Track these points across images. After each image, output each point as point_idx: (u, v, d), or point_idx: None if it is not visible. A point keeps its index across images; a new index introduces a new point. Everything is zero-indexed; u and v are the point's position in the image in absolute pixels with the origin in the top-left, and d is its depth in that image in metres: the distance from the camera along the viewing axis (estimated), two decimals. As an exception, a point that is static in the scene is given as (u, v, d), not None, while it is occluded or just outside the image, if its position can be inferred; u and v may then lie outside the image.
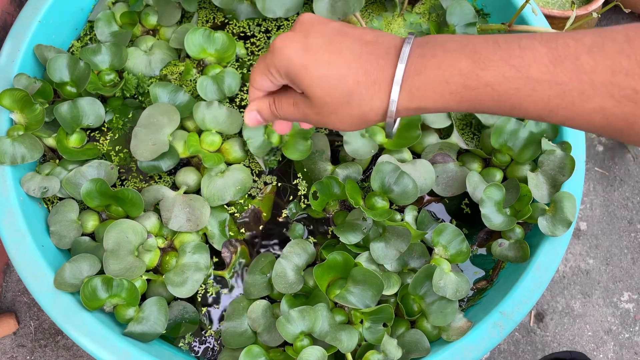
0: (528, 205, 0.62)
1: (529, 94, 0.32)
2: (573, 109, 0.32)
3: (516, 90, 0.33)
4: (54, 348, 0.88)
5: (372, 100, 0.37)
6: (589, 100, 0.31)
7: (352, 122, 0.40)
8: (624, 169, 1.11)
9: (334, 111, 0.39)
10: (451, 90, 0.35)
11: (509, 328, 0.59)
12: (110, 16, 0.74)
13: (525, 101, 0.33)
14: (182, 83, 0.73)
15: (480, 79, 0.33)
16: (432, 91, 0.35)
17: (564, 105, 0.32)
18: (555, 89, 0.32)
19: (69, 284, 0.57)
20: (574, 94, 0.31)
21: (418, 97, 0.36)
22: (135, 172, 0.69)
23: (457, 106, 0.36)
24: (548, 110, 0.33)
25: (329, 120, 0.40)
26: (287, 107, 0.43)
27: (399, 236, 0.61)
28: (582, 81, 0.31)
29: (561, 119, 0.33)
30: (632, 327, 0.99)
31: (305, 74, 0.38)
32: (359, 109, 0.38)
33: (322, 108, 0.39)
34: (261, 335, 0.60)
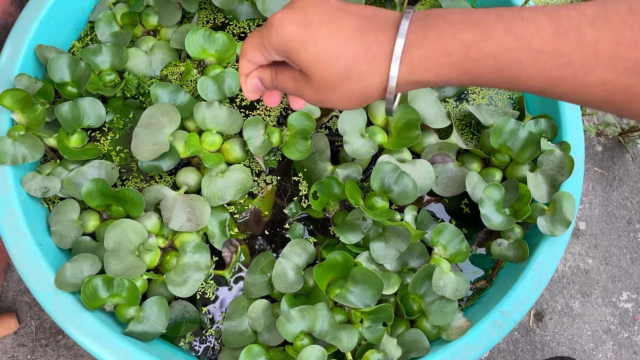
0: (527, 205, 0.62)
1: (531, 65, 0.32)
2: (575, 82, 0.31)
3: (518, 61, 0.32)
4: (55, 347, 0.88)
5: (372, 74, 0.37)
6: (591, 73, 0.31)
7: (352, 99, 0.39)
8: (623, 169, 1.11)
9: (334, 88, 0.38)
10: (453, 61, 0.34)
11: (508, 327, 0.59)
12: (110, 17, 0.74)
13: (526, 73, 0.33)
14: (183, 83, 0.73)
15: (482, 50, 0.33)
16: (433, 63, 0.35)
17: (566, 77, 0.32)
18: (558, 61, 0.31)
19: (69, 283, 0.57)
20: (577, 65, 0.31)
21: (419, 70, 0.35)
22: (136, 172, 0.69)
23: (457, 79, 0.35)
24: (550, 83, 0.32)
25: (328, 98, 0.40)
26: (287, 81, 0.42)
27: (399, 236, 0.61)
28: (585, 53, 0.30)
29: (562, 91, 0.33)
30: (631, 327, 0.99)
31: (304, 51, 0.37)
32: (359, 85, 0.37)
33: (321, 85, 0.39)
34: (261, 334, 0.60)
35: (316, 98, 0.41)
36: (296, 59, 0.38)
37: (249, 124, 0.66)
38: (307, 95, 0.41)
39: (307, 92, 0.41)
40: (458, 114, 0.76)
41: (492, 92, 0.78)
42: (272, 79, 0.43)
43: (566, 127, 0.69)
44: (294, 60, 0.38)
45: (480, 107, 0.71)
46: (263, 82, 0.44)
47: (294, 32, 0.37)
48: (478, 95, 0.78)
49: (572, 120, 0.69)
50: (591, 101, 0.33)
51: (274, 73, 0.43)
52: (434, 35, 0.34)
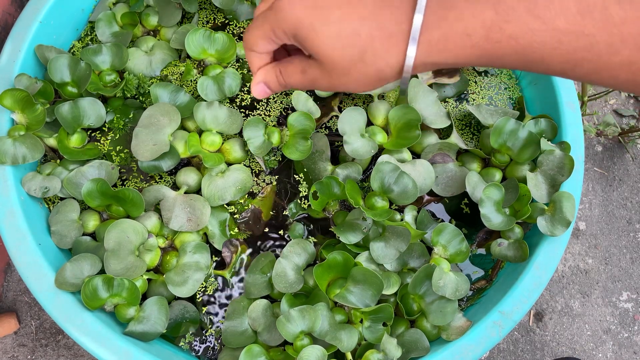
0: (527, 205, 0.62)
1: (554, 46, 0.31)
2: (599, 62, 0.31)
3: (541, 43, 0.31)
4: (55, 347, 0.88)
5: (388, 55, 0.35)
6: (616, 53, 0.30)
7: (366, 82, 0.38)
8: (622, 169, 1.11)
9: (347, 72, 0.37)
10: (473, 43, 0.33)
11: (508, 327, 0.59)
12: (111, 17, 0.74)
13: (549, 55, 0.32)
14: (183, 83, 0.73)
15: (504, 32, 0.32)
16: (452, 44, 0.33)
17: (590, 58, 0.31)
18: (583, 41, 0.30)
19: (69, 283, 0.57)
20: (602, 46, 0.30)
21: (437, 51, 0.34)
22: (136, 172, 0.69)
23: (476, 61, 0.34)
24: (572, 64, 0.32)
25: (341, 82, 0.38)
26: (295, 76, 0.40)
27: (399, 236, 0.61)
28: (611, 33, 0.29)
29: (584, 73, 0.32)
30: (631, 327, 0.99)
31: (316, 35, 0.35)
32: (374, 66, 0.36)
33: (334, 69, 0.37)
34: (261, 334, 0.60)
35: (329, 84, 0.39)
36: (307, 44, 0.36)
37: (249, 124, 0.66)
38: (319, 83, 0.39)
39: (319, 80, 0.39)
40: (458, 114, 0.76)
41: (492, 92, 0.78)
42: (277, 78, 0.42)
43: (566, 127, 0.69)
44: (305, 45, 0.37)
45: (480, 107, 0.71)
46: (269, 86, 0.43)
47: (304, 15, 0.36)
48: (478, 95, 0.78)
49: (572, 120, 0.69)
50: (613, 82, 0.32)
51: (279, 72, 0.41)
52: (454, 15, 0.33)
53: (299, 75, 0.40)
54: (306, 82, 0.40)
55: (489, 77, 0.79)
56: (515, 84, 0.79)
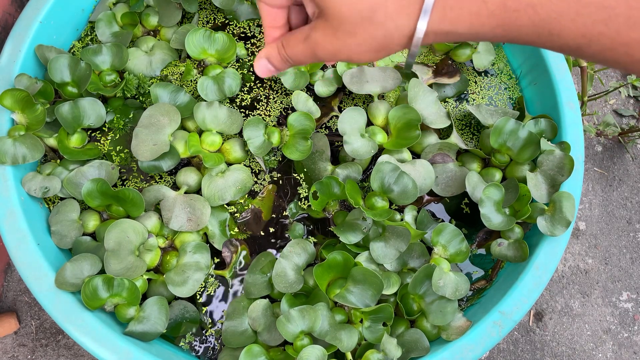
0: (527, 205, 0.62)
1: (572, 18, 0.30)
2: (617, 38, 0.30)
3: (559, 13, 0.30)
4: (55, 347, 0.88)
5: (399, 16, 0.33)
6: (635, 28, 0.29)
7: (371, 47, 0.35)
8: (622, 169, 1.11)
9: (353, 32, 0.35)
10: (489, 11, 0.32)
11: (508, 327, 0.59)
12: (111, 17, 0.74)
13: (566, 27, 0.31)
14: (183, 83, 0.74)
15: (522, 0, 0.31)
16: (467, 11, 0.32)
17: (608, 32, 0.30)
18: (601, 14, 0.30)
19: (70, 283, 0.57)
20: (620, 20, 0.29)
21: (451, 18, 0.33)
22: (136, 172, 0.69)
23: (491, 32, 0.33)
24: (588, 39, 0.31)
25: (346, 44, 0.36)
26: (298, 45, 0.39)
27: (399, 236, 0.61)
28: (631, 7, 0.29)
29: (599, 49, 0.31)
30: (631, 327, 0.99)
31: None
32: (383, 28, 0.34)
33: (339, 27, 0.35)
34: (261, 334, 0.60)
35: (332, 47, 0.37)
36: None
37: (249, 124, 0.66)
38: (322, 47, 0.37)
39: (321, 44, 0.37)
40: (458, 114, 0.76)
41: (492, 92, 0.78)
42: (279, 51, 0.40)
43: (566, 127, 0.69)
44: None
45: (480, 107, 0.71)
46: (272, 61, 0.41)
47: None
48: (478, 95, 0.78)
49: (572, 120, 0.69)
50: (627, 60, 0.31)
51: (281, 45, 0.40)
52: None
53: (302, 44, 0.38)
54: (309, 50, 0.38)
55: (489, 77, 0.79)
56: (515, 84, 0.79)
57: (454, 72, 0.76)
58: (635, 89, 1.19)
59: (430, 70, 0.76)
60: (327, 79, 0.73)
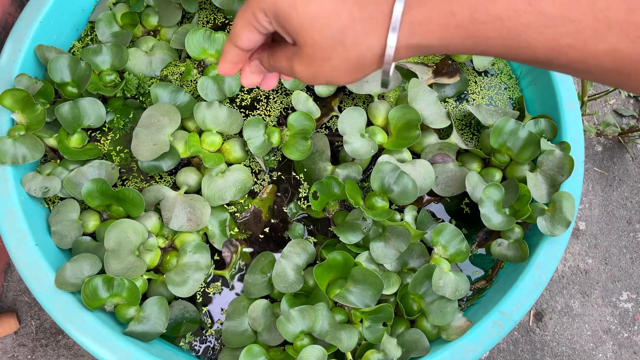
0: (527, 205, 0.62)
1: (540, 31, 0.30)
2: (584, 50, 0.30)
3: (526, 26, 0.31)
4: (55, 347, 0.88)
5: (369, 37, 0.34)
6: (602, 41, 0.29)
7: (347, 69, 0.36)
8: (622, 169, 1.11)
9: (327, 57, 0.36)
10: (457, 23, 0.32)
11: (508, 327, 0.59)
12: (111, 17, 0.74)
13: (535, 39, 0.31)
14: (183, 83, 0.74)
15: (489, 12, 0.31)
16: (436, 24, 0.32)
17: (576, 45, 0.30)
18: (568, 27, 0.30)
19: (70, 283, 0.57)
20: (588, 32, 0.29)
21: (420, 32, 0.33)
22: (136, 172, 0.69)
23: (461, 43, 0.33)
24: (558, 50, 0.31)
25: (322, 70, 0.37)
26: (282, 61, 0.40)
27: (399, 236, 0.61)
28: (597, 19, 0.29)
29: (569, 60, 0.31)
30: (631, 327, 0.99)
31: (296, 14, 0.34)
32: (355, 50, 0.35)
33: (313, 54, 0.36)
34: (261, 334, 0.60)
35: (309, 72, 0.38)
36: (288, 24, 0.36)
37: (249, 124, 0.66)
38: (299, 70, 0.38)
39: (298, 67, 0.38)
40: (458, 114, 0.76)
41: (492, 92, 0.78)
42: (268, 59, 0.41)
43: (566, 127, 0.69)
44: (286, 26, 0.36)
45: (480, 107, 0.71)
46: (263, 64, 0.42)
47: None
48: (478, 96, 0.78)
49: (572, 120, 0.69)
50: (597, 71, 0.31)
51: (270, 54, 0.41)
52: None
53: (285, 61, 0.39)
54: (289, 70, 0.39)
55: (489, 77, 0.79)
56: (515, 84, 0.79)
57: (454, 72, 0.76)
58: (635, 89, 1.19)
59: (430, 70, 0.76)
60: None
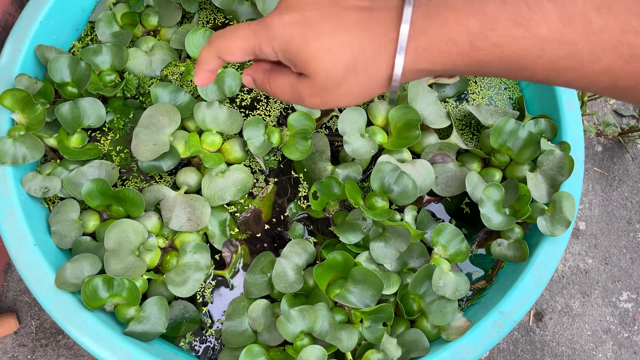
0: (527, 205, 0.62)
1: (537, 54, 0.32)
2: (582, 70, 0.31)
3: (524, 50, 0.32)
4: (55, 347, 0.88)
5: (378, 64, 0.36)
6: (597, 61, 0.31)
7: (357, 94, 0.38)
8: (622, 169, 1.11)
9: (338, 84, 0.37)
10: (458, 50, 0.34)
11: (508, 327, 0.59)
12: (111, 17, 0.74)
13: (533, 62, 0.32)
14: (183, 83, 0.74)
15: (488, 40, 0.33)
16: (438, 51, 0.34)
17: (573, 66, 0.31)
18: (565, 49, 0.31)
19: (70, 283, 0.57)
20: (584, 54, 0.31)
21: (424, 58, 0.35)
22: (136, 172, 0.69)
23: (464, 67, 0.35)
24: (556, 72, 0.32)
25: (333, 97, 0.38)
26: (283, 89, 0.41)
27: (399, 236, 0.61)
28: (592, 41, 0.30)
29: (568, 80, 0.33)
30: (631, 327, 0.99)
31: (307, 49, 0.36)
32: (365, 75, 0.37)
33: (326, 83, 0.37)
34: (261, 334, 0.60)
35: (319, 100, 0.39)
36: (299, 60, 0.37)
37: (249, 124, 0.66)
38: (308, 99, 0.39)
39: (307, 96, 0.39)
40: (458, 114, 0.76)
41: (492, 92, 0.78)
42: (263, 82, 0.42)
43: (566, 127, 0.69)
44: (296, 61, 0.37)
45: (480, 107, 0.71)
46: (255, 83, 0.43)
47: (295, 31, 0.36)
48: (478, 96, 0.78)
49: (572, 120, 0.69)
50: (596, 88, 0.33)
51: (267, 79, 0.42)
52: (438, 22, 0.34)
53: (287, 88, 0.40)
54: (294, 97, 0.40)
55: (488, 77, 0.79)
56: (515, 84, 0.79)
57: (454, 72, 0.76)
58: (635, 89, 1.19)
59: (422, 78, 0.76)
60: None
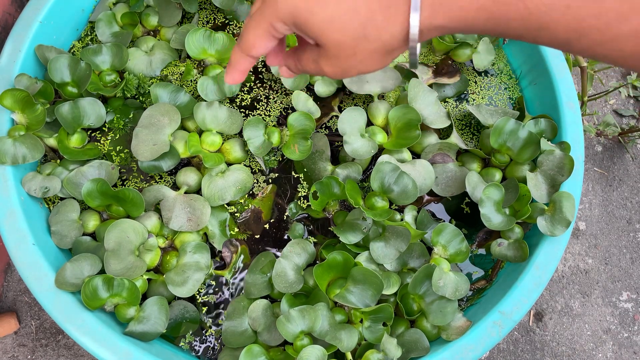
0: (527, 205, 0.62)
1: (562, 11, 0.30)
2: (607, 32, 0.30)
3: (549, 6, 0.31)
4: (55, 347, 0.88)
5: (390, 25, 0.34)
6: (625, 22, 0.29)
7: (374, 59, 0.37)
8: (622, 169, 1.11)
9: (353, 52, 0.36)
10: (479, 4, 0.32)
11: (508, 327, 0.59)
12: (111, 17, 0.74)
13: (556, 20, 0.31)
14: (183, 83, 0.74)
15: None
16: (457, 6, 0.33)
17: (598, 26, 0.30)
18: (592, 8, 0.30)
19: (70, 283, 0.57)
20: (611, 14, 0.29)
21: (442, 13, 0.33)
22: (136, 172, 0.69)
23: (482, 25, 0.33)
24: (579, 33, 0.31)
25: (350, 64, 0.37)
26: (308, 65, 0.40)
27: (399, 236, 0.61)
28: (622, 0, 0.29)
29: (590, 44, 0.31)
30: (631, 327, 0.99)
31: (313, 19, 0.35)
32: (379, 40, 0.35)
33: (339, 53, 0.36)
34: (261, 334, 0.60)
35: (338, 70, 0.38)
36: (308, 29, 0.36)
37: (249, 124, 0.66)
38: (328, 69, 0.39)
39: (326, 67, 0.39)
40: (458, 114, 0.76)
41: (492, 92, 0.78)
42: (295, 65, 0.42)
43: (566, 127, 0.69)
44: (305, 30, 0.36)
45: (480, 107, 0.71)
46: (291, 69, 0.43)
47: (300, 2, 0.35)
48: (478, 96, 0.78)
49: (572, 120, 0.69)
50: (617, 54, 0.31)
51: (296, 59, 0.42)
52: None
53: (311, 64, 0.40)
54: (318, 71, 0.40)
55: (489, 77, 0.79)
56: (515, 84, 0.79)
57: (454, 72, 0.76)
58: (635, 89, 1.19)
59: (430, 70, 0.76)
60: (327, 79, 0.73)
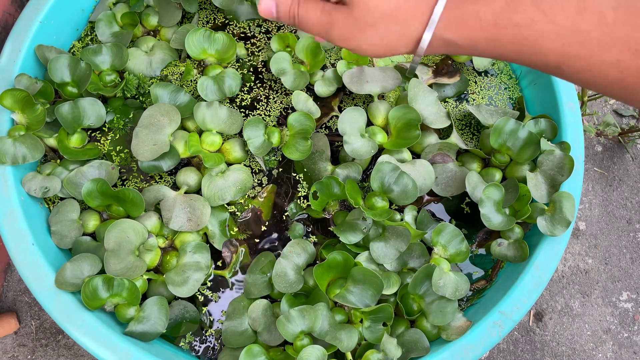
0: (527, 205, 0.62)
1: (552, 38, 0.35)
2: (591, 59, 0.34)
3: (540, 33, 0.35)
4: (55, 347, 0.88)
5: (416, 20, 0.38)
6: (607, 51, 0.33)
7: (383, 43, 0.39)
8: (622, 169, 1.11)
9: (374, 24, 0.38)
10: (482, 26, 0.37)
11: (508, 327, 0.59)
12: (111, 17, 0.74)
13: (546, 47, 0.35)
14: (183, 83, 0.74)
15: (510, 20, 0.36)
16: (465, 25, 0.37)
17: (583, 53, 0.34)
18: (577, 36, 0.34)
19: (70, 283, 0.57)
20: (594, 43, 0.33)
21: (452, 29, 0.38)
22: (136, 172, 0.69)
23: (484, 44, 0.38)
24: (566, 59, 0.35)
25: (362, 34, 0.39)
26: (314, 13, 0.40)
27: (399, 236, 0.61)
28: (603, 32, 0.33)
29: (577, 69, 0.35)
30: (631, 327, 0.99)
31: None
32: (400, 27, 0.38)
33: (362, 18, 0.38)
34: (261, 334, 0.60)
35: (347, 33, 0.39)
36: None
37: (249, 124, 0.66)
38: (338, 27, 0.39)
39: (339, 24, 0.39)
40: (458, 114, 0.76)
41: (492, 92, 0.78)
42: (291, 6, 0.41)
43: (566, 127, 0.69)
44: None
45: (480, 107, 0.71)
46: (278, 8, 0.41)
47: None
48: (478, 96, 0.78)
49: (572, 120, 0.69)
50: (602, 82, 0.35)
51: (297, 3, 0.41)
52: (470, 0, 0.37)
53: (319, 13, 0.40)
54: (323, 24, 0.40)
55: (489, 77, 0.79)
56: (515, 84, 0.79)
57: (454, 72, 0.76)
58: (635, 89, 1.18)
59: (430, 70, 0.76)
60: (327, 79, 0.73)
